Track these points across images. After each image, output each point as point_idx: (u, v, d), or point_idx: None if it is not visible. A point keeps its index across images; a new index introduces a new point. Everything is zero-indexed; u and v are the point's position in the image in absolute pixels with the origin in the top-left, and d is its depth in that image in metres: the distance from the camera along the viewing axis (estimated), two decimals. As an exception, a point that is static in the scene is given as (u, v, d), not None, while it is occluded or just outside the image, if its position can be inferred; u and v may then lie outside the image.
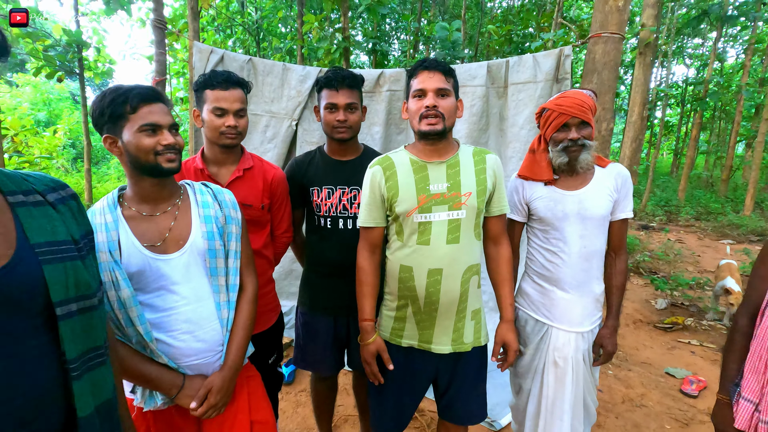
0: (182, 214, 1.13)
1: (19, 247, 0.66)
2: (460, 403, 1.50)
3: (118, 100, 1.05)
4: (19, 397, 0.64)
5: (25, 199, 0.70)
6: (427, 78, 1.32)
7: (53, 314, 0.68)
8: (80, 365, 0.72)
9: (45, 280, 0.67)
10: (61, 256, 0.70)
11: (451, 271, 1.34)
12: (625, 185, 1.51)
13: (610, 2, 2.51)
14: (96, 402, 0.75)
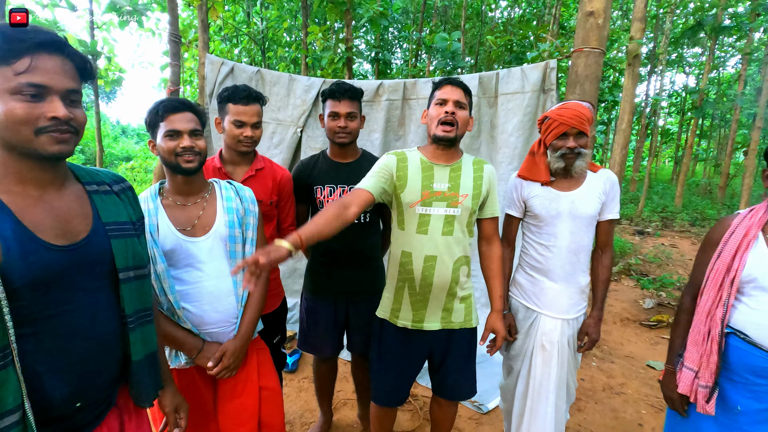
0: (209, 205, 1.35)
1: (94, 224, 0.87)
2: (451, 380, 1.68)
3: (154, 111, 1.27)
4: (93, 337, 0.85)
5: (98, 189, 0.91)
6: (450, 91, 1.54)
7: (117, 278, 0.89)
8: (135, 320, 0.93)
9: (112, 251, 0.88)
10: (123, 233, 0.91)
11: (444, 258, 1.53)
12: (612, 189, 1.70)
13: (591, 20, 2.73)
14: (145, 351, 0.96)
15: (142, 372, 0.95)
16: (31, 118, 0.76)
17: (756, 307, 1.25)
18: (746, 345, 1.27)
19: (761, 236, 1.28)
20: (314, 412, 2.34)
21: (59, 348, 0.80)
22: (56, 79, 0.78)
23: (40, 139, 0.77)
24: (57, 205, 0.83)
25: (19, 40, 0.75)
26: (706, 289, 1.34)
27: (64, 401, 0.81)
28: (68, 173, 0.89)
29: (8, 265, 0.72)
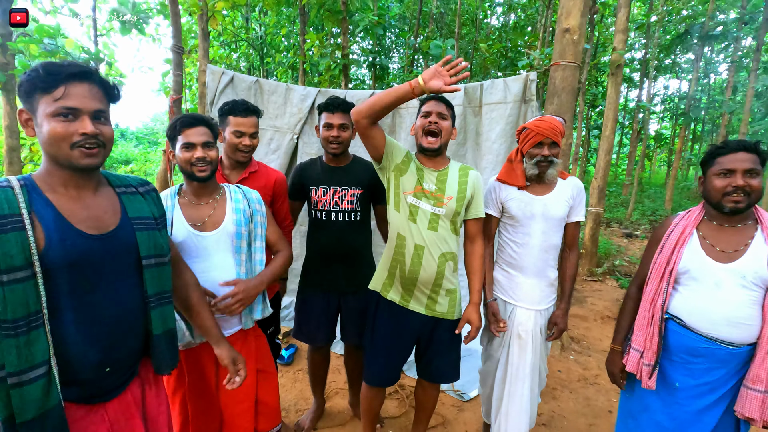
0: (220, 206, 1.54)
1: (122, 218, 1.05)
2: (435, 365, 1.86)
3: (173, 126, 1.47)
4: (120, 313, 1.03)
5: (126, 190, 1.10)
6: (434, 104, 1.74)
7: (141, 265, 1.07)
8: (155, 300, 1.11)
9: (137, 240, 1.06)
10: (146, 227, 1.09)
11: (430, 250, 1.72)
12: (579, 195, 1.90)
13: (567, 36, 2.93)
14: (164, 327, 1.14)
15: (161, 345, 1.13)
16: (67, 134, 0.94)
17: (689, 295, 1.44)
18: (682, 329, 1.45)
19: (695, 233, 1.47)
20: (308, 401, 2.51)
21: (92, 320, 0.97)
22: (85, 102, 0.96)
23: (74, 152, 0.96)
24: (91, 203, 1.02)
25: (56, 74, 0.94)
26: (650, 280, 1.53)
27: (96, 365, 0.98)
28: (102, 179, 1.08)
29: (49, 248, 0.91)
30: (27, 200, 0.92)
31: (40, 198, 0.95)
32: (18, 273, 0.87)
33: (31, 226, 0.90)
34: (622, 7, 4.84)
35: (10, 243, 0.86)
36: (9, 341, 0.86)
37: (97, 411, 1.01)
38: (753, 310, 1.35)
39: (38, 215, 0.93)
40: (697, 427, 1.44)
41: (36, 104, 0.94)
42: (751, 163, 1.35)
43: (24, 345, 0.87)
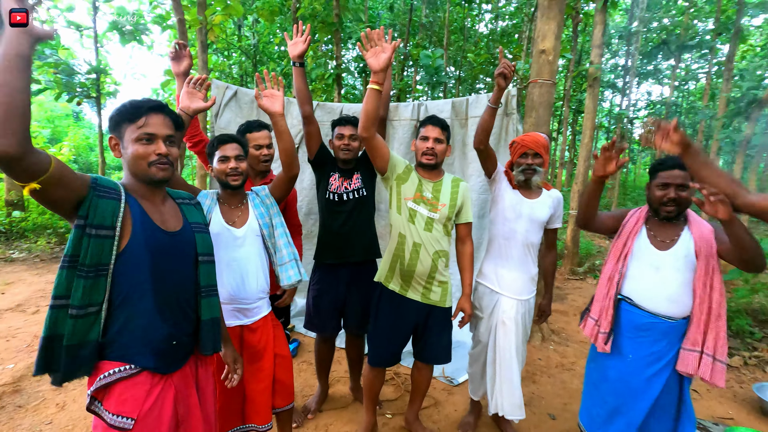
0: (246, 208, 1.82)
1: (184, 222, 1.32)
2: (429, 348, 2.13)
3: (211, 143, 1.75)
4: (182, 298, 1.29)
5: (183, 201, 1.37)
6: (431, 130, 2.04)
7: (197, 261, 1.34)
8: (205, 291, 1.37)
9: (195, 241, 1.33)
10: (201, 230, 1.36)
11: (426, 248, 2.00)
12: (559, 205, 2.23)
13: (543, 56, 3.26)
14: (210, 315, 1.40)
15: (207, 329, 1.38)
16: (146, 154, 1.21)
17: (637, 278, 1.75)
18: (632, 308, 1.76)
19: (644, 226, 1.79)
20: (312, 387, 2.77)
21: (165, 301, 1.23)
22: (159, 128, 1.23)
23: (151, 169, 1.22)
24: (163, 209, 1.28)
25: (139, 107, 1.21)
26: (608, 261, 1.84)
27: (167, 337, 1.23)
28: (166, 193, 1.34)
29: (135, 238, 1.17)
30: (125, 193, 1.19)
31: (130, 196, 1.21)
32: (102, 231, 1.12)
33: (124, 205, 1.16)
34: (598, 24, 5.21)
35: (106, 207, 1.12)
36: (79, 281, 1.09)
37: (168, 380, 1.26)
38: (686, 289, 1.66)
39: (129, 205, 1.19)
40: (648, 391, 1.74)
41: (123, 132, 1.21)
42: (683, 179, 1.66)
43: (89, 287, 1.11)
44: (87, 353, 1.12)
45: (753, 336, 3.57)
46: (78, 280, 1.10)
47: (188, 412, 1.31)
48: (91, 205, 1.11)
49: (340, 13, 6.61)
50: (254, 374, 1.84)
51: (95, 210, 1.11)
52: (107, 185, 1.16)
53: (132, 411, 1.16)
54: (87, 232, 1.10)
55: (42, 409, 2.43)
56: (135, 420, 1.16)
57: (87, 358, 1.13)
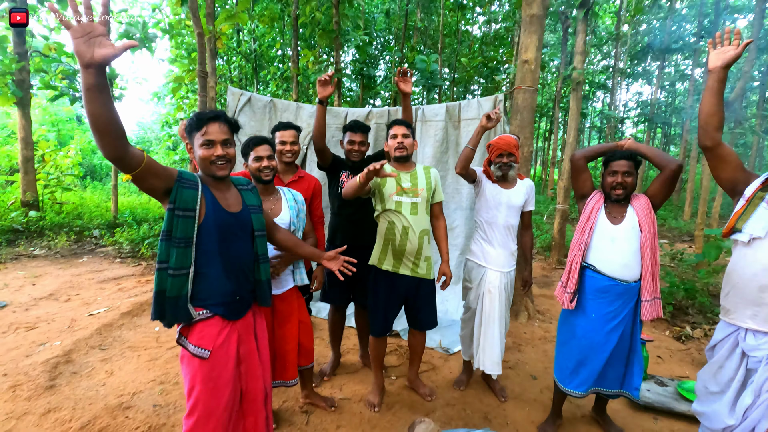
0: (278, 203, 2.19)
1: (243, 205, 1.71)
2: (420, 315, 2.52)
3: (246, 145, 2.12)
4: (243, 263, 1.67)
5: (242, 188, 1.76)
6: (398, 128, 2.44)
7: (253, 235, 1.73)
8: (261, 258, 1.76)
9: (252, 219, 1.72)
10: (256, 211, 1.75)
11: (413, 229, 2.38)
12: (531, 191, 2.64)
13: (526, 66, 3.67)
14: (265, 276, 1.79)
15: (265, 287, 1.77)
16: (208, 156, 1.58)
17: (597, 248, 2.15)
18: (595, 273, 2.16)
19: (603, 205, 2.19)
20: (326, 358, 3.15)
21: (230, 264, 1.60)
22: (217, 135, 1.60)
23: (213, 167, 1.59)
24: (228, 195, 1.66)
25: (202, 119, 1.57)
26: (575, 233, 2.25)
27: (231, 292, 1.61)
28: (230, 182, 1.73)
29: (207, 218, 1.55)
30: (201, 184, 1.57)
31: (204, 185, 1.59)
32: (187, 212, 1.50)
33: (200, 192, 1.54)
34: (580, 32, 5.64)
35: (189, 194, 1.50)
36: (174, 249, 1.48)
37: (233, 325, 1.64)
38: (636, 256, 2.07)
39: (204, 194, 1.57)
40: (607, 344, 2.14)
41: (193, 139, 1.59)
42: (627, 167, 2.08)
43: (181, 254, 1.50)
44: (183, 303, 1.52)
45: (713, 312, 4.00)
46: (172, 249, 1.49)
47: (248, 352, 1.70)
48: (177, 193, 1.49)
49: (339, 21, 6.98)
50: (284, 336, 2.23)
51: (181, 197, 1.49)
52: (189, 178, 1.53)
53: (208, 344, 1.56)
54: (176, 213, 1.48)
55: (94, 375, 2.81)
56: (210, 351, 1.56)
57: (183, 308, 1.53)
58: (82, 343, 3.23)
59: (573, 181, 2.37)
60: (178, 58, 9.07)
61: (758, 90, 12.30)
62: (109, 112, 1.22)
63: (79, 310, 3.99)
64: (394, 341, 3.44)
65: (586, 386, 2.17)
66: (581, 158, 2.29)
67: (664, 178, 2.06)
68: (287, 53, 10.69)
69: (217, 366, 1.56)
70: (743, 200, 1.70)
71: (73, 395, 2.55)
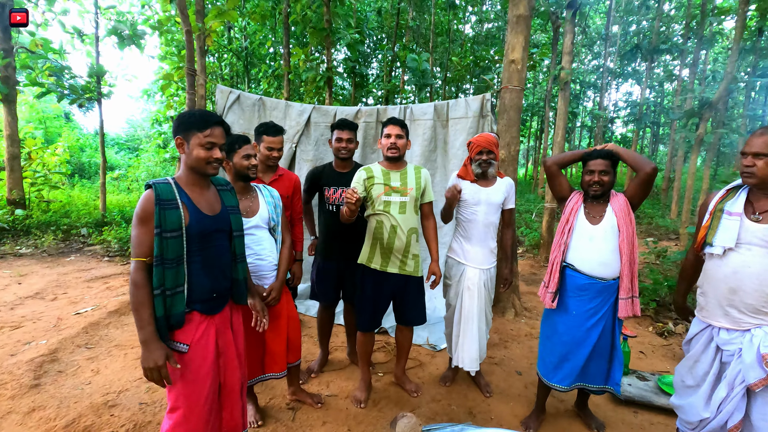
0: (255, 200, 2.20)
1: (222, 206, 1.72)
2: (408, 312, 2.55)
3: (233, 143, 2.13)
4: (221, 262, 1.69)
5: (221, 188, 1.77)
6: (392, 128, 2.45)
7: (231, 236, 1.75)
8: (239, 257, 1.78)
9: (230, 220, 1.73)
10: (234, 211, 1.76)
11: (402, 227, 2.40)
12: (510, 189, 2.67)
13: (513, 66, 3.71)
14: (243, 275, 1.81)
15: (242, 286, 1.79)
16: (207, 158, 1.59)
17: (577, 248, 2.19)
18: (574, 272, 2.20)
19: (582, 205, 2.23)
20: (314, 355, 3.17)
21: (208, 264, 1.62)
22: (219, 138, 1.63)
23: (209, 167, 1.61)
24: (207, 196, 1.67)
25: (206, 121, 1.59)
26: (556, 234, 2.29)
27: (209, 290, 1.63)
28: (210, 180, 1.74)
29: (191, 224, 1.56)
30: (178, 192, 1.58)
31: (182, 191, 1.59)
32: (174, 233, 1.52)
33: (181, 207, 1.56)
34: (568, 33, 5.70)
35: (172, 216, 1.51)
36: (168, 271, 1.51)
37: (211, 320, 1.66)
38: (614, 255, 2.12)
39: (184, 203, 1.57)
40: (588, 340, 2.18)
41: (190, 136, 1.59)
42: (605, 167, 2.12)
43: (174, 274, 1.53)
44: (181, 318, 1.58)
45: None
46: (167, 271, 1.51)
47: (226, 345, 1.72)
48: (161, 216, 1.49)
49: (330, 19, 6.97)
50: (272, 330, 2.25)
51: (165, 219, 1.50)
52: (166, 197, 1.52)
53: (187, 338, 1.58)
54: (164, 236, 1.49)
55: (79, 373, 2.80)
56: (189, 345, 1.57)
57: (181, 320, 1.57)
58: (68, 342, 3.21)
59: (550, 186, 2.41)
60: (168, 55, 8.99)
61: (744, 91, 12.51)
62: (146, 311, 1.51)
63: (65, 308, 3.96)
64: (382, 338, 3.47)
65: (569, 380, 2.21)
66: (552, 164, 2.35)
67: (640, 180, 2.10)
68: (279, 51, 10.65)
69: (196, 359, 1.59)
70: (708, 214, 1.80)
71: (58, 394, 2.54)
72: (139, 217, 1.50)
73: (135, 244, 1.50)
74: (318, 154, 4.25)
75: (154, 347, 1.48)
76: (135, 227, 1.50)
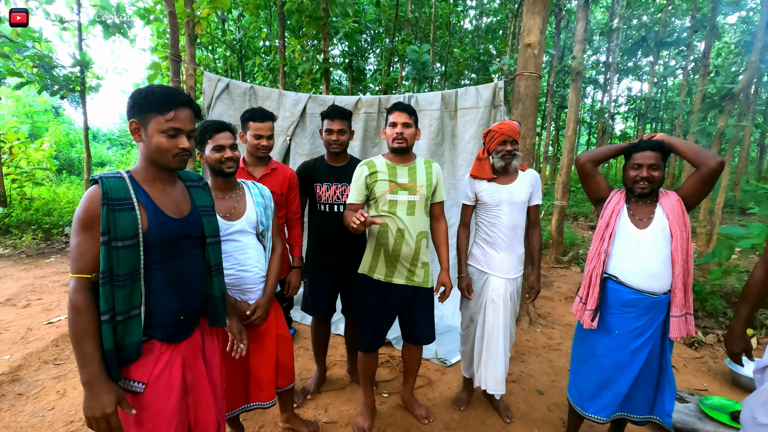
0: (242, 199, 1.85)
1: (192, 207, 1.38)
2: (416, 329, 2.22)
3: (204, 131, 1.78)
4: (191, 276, 1.36)
5: (192, 184, 1.42)
6: (398, 115, 2.09)
7: (204, 242, 1.40)
8: (214, 269, 1.44)
9: (203, 224, 1.39)
10: (208, 213, 1.42)
11: (409, 232, 2.06)
12: (536, 183, 2.32)
13: (529, 50, 3.37)
14: (220, 291, 1.47)
15: (219, 303, 1.46)
16: (171, 148, 1.25)
17: (621, 256, 1.86)
18: (618, 285, 1.87)
19: (625, 206, 1.90)
20: (310, 371, 2.84)
21: (173, 280, 1.29)
22: (186, 124, 1.28)
23: (174, 159, 1.27)
24: (173, 194, 1.33)
25: (170, 101, 1.24)
26: (593, 240, 1.96)
27: (174, 312, 1.30)
28: (176, 174, 1.40)
29: (150, 230, 1.23)
30: (133, 188, 1.24)
31: (139, 188, 1.25)
32: (128, 241, 1.18)
33: (137, 208, 1.21)
34: (581, 20, 5.37)
35: (126, 219, 1.18)
36: (119, 290, 1.17)
37: (175, 348, 1.33)
38: (665, 264, 1.79)
39: (142, 202, 1.24)
40: (632, 364, 1.86)
41: (148, 120, 1.24)
42: (654, 160, 1.79)
43: (128, 293, 1.19)
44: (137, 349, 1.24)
45: (726, 316, 3.78)
46: (118, 290, 1.18)
47: (196, 379, 1.39)
48: (109, 220, 1.15)
49: (327, 8, 6.62)
50: (258, 352, 1.91)
51: (115, 224, 1.16)
52: (117, 195, 1.19)
53: (143, 375, 1.24)
54: (114, 245, 1.16)
55: (43, 396, 2.45)
56: (146, 384, 1.24)
57: (137, 352, 1.24)
58: (34, 358, 2.86)
59: (584, 187, 2.07)
60: (159, 47, 8.59)
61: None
62: None
63: (37, 317, 3.61)
64: (386, 351, 3.14)
65: (609, 411, 1.89)
66: (587, 162, 2.00)
67: (701, 177, 1.76)
68: (274, 44, 10.26)
69: (157, 400, 1.26)
70: None
71: (14, 423, 2.19)
72: (80, 222, 1.15)
73: (75, 256, 1.16)
74: (314, 147, 3.90)
75: (100, 390, 1.14)
76: (75, 234, 1.16)
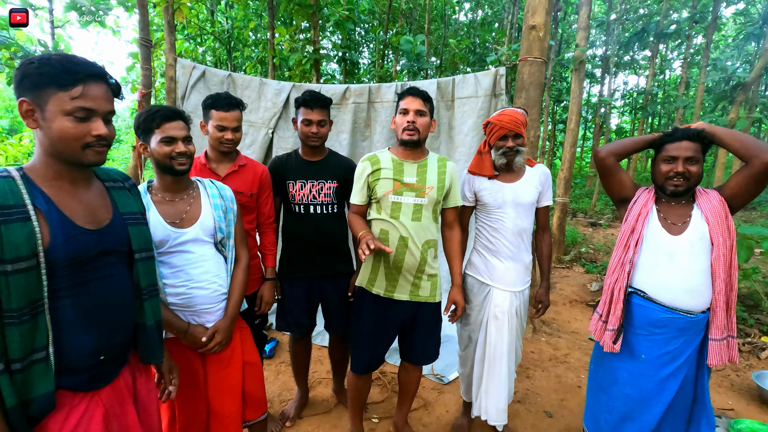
0: (195, 201, 1.53)
1: (114, 214, 1.06)
2: (418, 347, 1.92)
3: (149, 118, 1.44)
4: (114, 304, 1.05)
5: (114, 185, 1.11)
6: (411, 101, 1.78)
7: (132, 258, 1.09)
8: (147, 292, 1.13)
9: (129, 235, 1.07)
10: (136, 221, 1.11)
11: (414, 240, 1.77)
12: (546, 181, 2.01)
13: (533, 33, 3.06)
14: (155, 318, 1.16)
15: (153, 334, 1.15)
16: (80, 135, 0.94)
17: (649, 268, 1.57)
18: (646, 302, 1.58)
19: (654, 207, 1.61)
20: (291, 391, 2.54)
21: (89, 310, 0.98)
22: (101, 103, 0.97)
23: (86, 152, 0.96)
24: (86, 198, 1.02)
25: (74, 72, 0.92)
26: (616, 248, 1.66)
27: (91, 353, 0.99)
28: (92, 172, 1.08)
29: (54, 245, 0.92)
30: (28, 191, 0.92)
31: (37, 191, 0.94)
32: (22, 263, 0.87)
33: (34, 217, 0.90)
34: (584, 5, 5.06)
35: (16, 233, 0.86)
36: (12, 330, 0.86)
37: (92, 397, 1.02)
38: (705, 277, 1.50)
39: (41, 209, 0.92)
40: (662, 394, 1.57)
41: (46, 98, 0.92)
42: (693, 152, 1.49)
43: (27, 332, 0.88)
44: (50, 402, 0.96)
45: (745, 323, 3.51)
46: (11, 329, 0.88)
47: (124, 431, 1.08)
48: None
49: (316, -5, 6.27)
50: (220, 384, 1.61)
51: (2, 242, 0.86)
52: (5, 204, 0.88)
53: None
54: (3, 270, 0.86)
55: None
56: None
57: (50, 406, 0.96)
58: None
59: (604, 185, 1.78)
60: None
61: None
62: None
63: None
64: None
65: (634, 448, 1.60)
66: (608, 155, 1.70)
67: (752, 173, 1.46)
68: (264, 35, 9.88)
69: None
70: None
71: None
72: None
73: None
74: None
75: None
76: None
